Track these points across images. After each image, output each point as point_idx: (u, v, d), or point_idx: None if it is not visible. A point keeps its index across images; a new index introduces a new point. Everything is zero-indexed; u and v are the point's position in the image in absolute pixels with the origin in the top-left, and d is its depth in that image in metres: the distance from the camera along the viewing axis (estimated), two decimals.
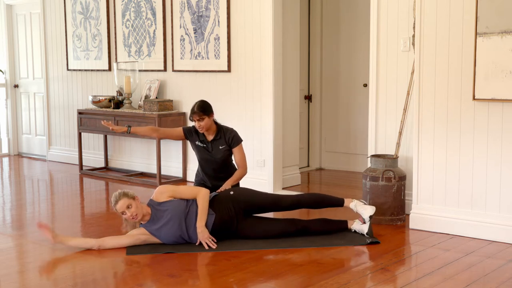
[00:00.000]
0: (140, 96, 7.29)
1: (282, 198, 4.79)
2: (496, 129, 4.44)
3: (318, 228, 4.61)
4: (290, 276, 3.80)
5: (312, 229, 4.60)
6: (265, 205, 4.64)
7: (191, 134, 5.05)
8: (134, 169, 7.53)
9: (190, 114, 4.91)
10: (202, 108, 4.87)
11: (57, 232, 4.36)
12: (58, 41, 8.35)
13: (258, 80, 6.28)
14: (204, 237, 4.31)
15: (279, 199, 4.76)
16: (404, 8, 5.23)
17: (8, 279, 3.77)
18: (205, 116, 4.86)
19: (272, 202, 4.70)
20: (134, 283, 3.67)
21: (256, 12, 6.25)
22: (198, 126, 4.90)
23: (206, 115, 4.87)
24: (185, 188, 4.57)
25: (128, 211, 4.25)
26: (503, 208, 4.46)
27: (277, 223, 4.64)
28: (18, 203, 5.99)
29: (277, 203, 4.71)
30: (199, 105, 4.88)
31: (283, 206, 4.71)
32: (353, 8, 7.27)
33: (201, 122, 4.87)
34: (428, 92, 4.71)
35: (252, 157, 6.28)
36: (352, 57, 7.31)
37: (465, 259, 4.09)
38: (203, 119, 4.86)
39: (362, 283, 3.66)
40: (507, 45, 4.26)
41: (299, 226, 4.59)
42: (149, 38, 7.26)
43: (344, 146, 7.47)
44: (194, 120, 4.89)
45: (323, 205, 4.76)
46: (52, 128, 8.60)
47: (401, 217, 5.01)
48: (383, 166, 5.02)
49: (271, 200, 4.71)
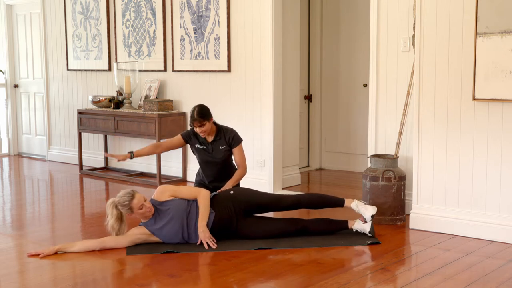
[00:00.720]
0: (140, 96, 7.29)
1: (282, 198, 4.79)
2: (496, 129, 4.44)
3: (318, 228, 4.61)
4: (290, 276, 3.80)
5: (312, 228, 4.60)
6: (265, 205, 4.64)
7: (190, 138, 5.05)
8: (134, 169, 7.53)
9: (191, 121, 4.88)
10: (201, 114, 4.84)
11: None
12: (58, 41, 8.35)
13: (258, 80, 6.28)
14: (205, 236, 4.31)
15: (279, 199, 4.76)
16: (404, 8, 5.23)
17: (8, 279, 3.77)
18: (206, 121, 4.85)
19: (272, 201, 4.70)
20: (134, 283, 3.67)
21: (256, 12, 6.25)
22: (200, 131, 4.90)
23: (206, 120, 4.86)
24: (186, 189, 4.57)
25: (146, 203, 4.28)
26: (503, 208, 4.46)
27: (277, 222, 4.64)
28: (18, 203, 5.99)
29: (277, 202, 4.71)
30: (198, 112, 4.85)
31: (283, 206, 4.71)
32: (353, 8, 7.27)
33: (203, 127, 4.87)
34: (428, 92, 4.71)
35: (252, 157, 6.28)
36: (352, 57, 7.31)
37: (465, 259, 4.09)
38: (204, 124, 4.86)
39: (362, 283, 3.66)
40: (507, 45, 4.26)
41: (299, 226, 4.59)
42: (149, 38, 7.26)
43: (344, 146, 7.47)
44: (195, 126, 4.88)
45: (323, 205, 4.76)
46: (52, 128, 8.60)
47: (401, 217, 5.01)
48: (383, 166, 5.02)
49: (271, 199, 4.72)
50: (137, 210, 4.27)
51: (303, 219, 4.69)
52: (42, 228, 5.05)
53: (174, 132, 6.81)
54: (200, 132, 4.90)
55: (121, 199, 4.27)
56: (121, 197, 4.28)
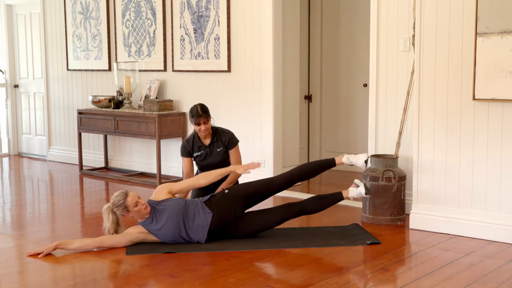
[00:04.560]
0: (140, 96, 7.29)
1: (275, 178, 4.77)
2: (496, 129, 4.44)
3: (314, 207, 4.61)
4: (290, 276, 3.80)
5: (309, 209, 4.60)
6: (261, 190, 4.60)
7: (190, 152, 5.06)
8: (134, 169, 7.53)
9: (195, 118, 4.88)
10: (205, 111, 4.92)
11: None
12: (58, 41, 8.35)
13: (258, 80, 6.28)
14: (244, 166, 4.60)
15: (272, 180, 4.74)
16: (404, 8, 5.23)
17: (8, 279, 3.77)
18: (209, 118, 4.92)
19: (266, 184, 4.65)
20: (134, 283, 3.67)
21: (256, 12, 6.25)
22: (204, 129, 4.90)
23: (209, 117, 4.94)
24: (183, 182, 4.64)
25: (140, 200, 4.29)
26: (503, 208, 4.46)
27: (273, 213, 4.59)
28: (18, 203, 5.99)
29: (271, 184, 4.66)
30: (202, 109, 4.90)
31: (278, 185, 4.67)
32: (353, 8, 7.27)
33: (207, 124, 4.91)
34: (428, 92, 4.71)
35: (252, 157, 6.28)
36: (352, 57, 7.31)
37: (465, 259, 4.09)
38: (209, 120, 4.91)
39: (362, 283, 3.66)
40: (507, 45, 4.26)
41: (296, 210, 4.57)
42: (149, 38, 7.26)
43: (344, 146, 7.46)
44: (201, 123, 4.89)
45: (316, 171, 4.76)
46: (52, 128, 8.60)
47: (401, 217, 5.01)
48: (383, 166, 5.02)
49: (265, 182, 4.67)
50: (133, 208, 4.27)
51: (298, 202, 4.68)
52: (42, 228, 5.05)
53: (174, 132, 6.83)
54: (204, 130, 4.91)
55: (115, 199, 4.29)
56: (115, 197, 4.30)
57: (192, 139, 5.05)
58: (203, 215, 4.37)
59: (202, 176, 4.61)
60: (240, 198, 4.51)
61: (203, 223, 4.36)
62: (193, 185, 4.60)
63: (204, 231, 4.36)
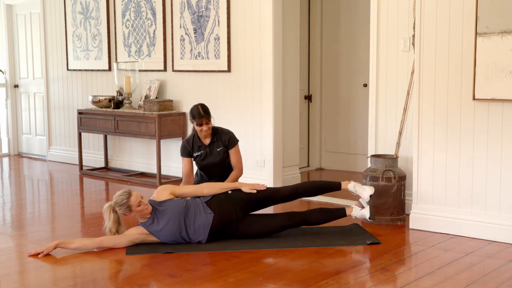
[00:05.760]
0: (140, 96, 7.29)
1: (280, 189, 4.77)
2: (496, 129, 4.44)
3: (317, 219, 4.61)
4: (290, 276, 3.79)
5: (311, 220, 4.59)
6: (264, 198, 4.60)
7: (190, 152, 5.06)
8: (134, 169, 7.53)
9: (197, 119, 4.88)
10: (207, 111, 4.93)
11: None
12: (58, 41, 8.35)
13: (258, 80, 6.28)
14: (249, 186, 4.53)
15: (277, 191, 4.74)
16: (404, 8, 5.23)
17: (8, 279, 3.77)
18: (211, 118, 4.91)
19: (270, 194, 4.66)
20: (134, 283, 3.67)
21: (256, 12, 6.25)
22: (206, 129, 4.90)
23: (211, 117, 4.94)
24: (186, 187, 4.59)
25: (143, 200, 4.29)
26: (503, 208, 4.46)
27: (275, 219, 4.60)
28: (18, 203, 5.99)
29: (275, 194, 4.68)
30: (203, 109, 4.91)
31: (281, 196, 4.69)
32: (353, 8, 7.27)
33: (209, 124, 4.92)
34: (428, 92, 4.71)
35: (252, 157, 6.28)
36: (352, 57, 7.31)
37: (465, 259, 4.09)
38: (210, 121, 4.93)
39: (362, 283, 3.66)
40: (507, 45, 4.26)
41: (298, 219, 4.57)
42: (149, 38, 7.26)
43: (344, 146, 7.46)
44: (203, 124, 4.89)
45: (321, 191, 4.75)
46: (52, 128, 8.60)
47: (401, 217, 5.01)
48: (383, 166, 5.02)
49: (269, 192, 4.67)
50: (136, 208, 4.26)
51: (301, 212, 4.67)
52: (42, 228, 5.05)
53: (174, 132, 6.83)
54: (205, 130, 4.91)
55: (118, 198, 4.27)
56: (118, 196, 4.28)
57: (192, 139, 5.05)
58: (204, 215, 4.37)
59: (207, 186, 4.58)
60: (242, 202, 4.51)
61: (205, 223, 4.36)
62: (196, 193, 4.55)
63: (205, 231, 4.36)
